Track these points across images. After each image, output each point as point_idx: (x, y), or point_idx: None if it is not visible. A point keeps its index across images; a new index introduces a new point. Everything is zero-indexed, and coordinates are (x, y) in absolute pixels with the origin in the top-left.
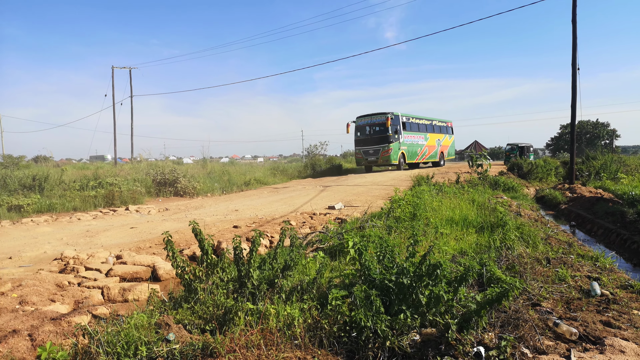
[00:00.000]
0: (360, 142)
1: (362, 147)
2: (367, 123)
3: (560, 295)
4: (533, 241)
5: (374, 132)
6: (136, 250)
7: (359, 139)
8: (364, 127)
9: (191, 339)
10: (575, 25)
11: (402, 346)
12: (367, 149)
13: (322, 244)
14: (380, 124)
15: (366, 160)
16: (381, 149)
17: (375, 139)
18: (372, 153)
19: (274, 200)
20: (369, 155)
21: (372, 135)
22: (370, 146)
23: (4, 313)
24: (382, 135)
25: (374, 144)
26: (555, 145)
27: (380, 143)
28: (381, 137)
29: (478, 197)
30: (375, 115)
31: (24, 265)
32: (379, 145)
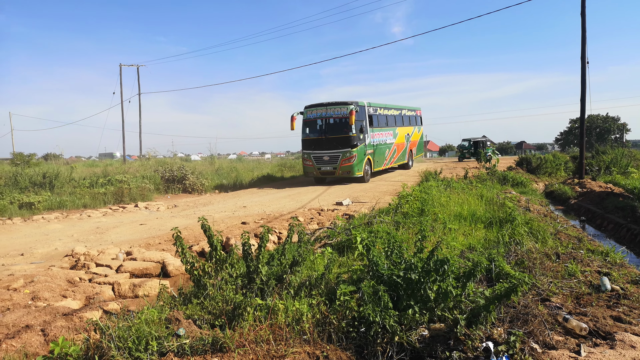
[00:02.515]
0: (310, 143)
1: (313, 151)
2: (320, 116)
3: (570, 291)
4: (542, 236)
5: (330, 130)
6: (146, 246)
7: (308, 139)
8: (316, 122)
9: (201, 334)
10: (584, 18)
11: (411, 341)
12: (320, 154)
13: (330, 239)
14: (340, 119)
15: (318, 171)
16: (341, 155)
17: (332, 141)
18: (328, 160)
19: (282, 196)
20: (322, 163)
21: (327, 135)
22: (324, 150)
23: (17, 309)
24: (343, 135)
25: (330, 147)
26: (564, 139)
27: (340, 147)
28: (341, 139)
29: (486, 192)
30: (333, 106)
31: (36, 261)
32: (337, 150)
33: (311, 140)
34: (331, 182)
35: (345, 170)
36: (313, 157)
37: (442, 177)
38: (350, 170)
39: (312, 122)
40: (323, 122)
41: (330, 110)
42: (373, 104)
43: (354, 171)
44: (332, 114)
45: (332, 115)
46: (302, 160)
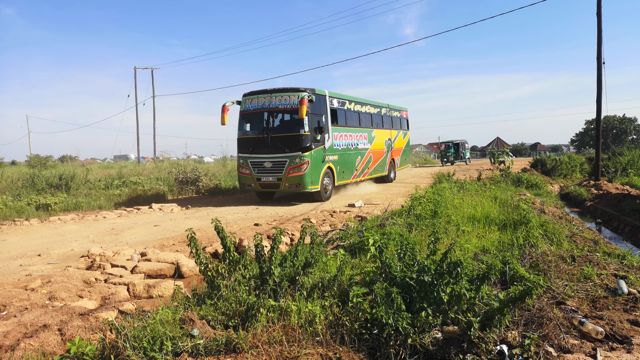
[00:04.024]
0: (248, 144)
1: (251, 155)
2: (262, 107)
3: (586, 294)
4: (557, 239)
5: (275, 126)
6: (160, 247)
7: (245, 138)
8: (257, 116)
9: (215, 334)
10: (600, 18)
11: (424, 344)
12: (259, 160)
13: (343, 241)
14: (287, 112)
15: (257, 182)
16: (288, 161)
17: (276, 141)
18: (271, 169)
19: (294, 198)
20: (263, 171)
21: (270, 134)
22: (266, 154)
23: (35, 308)
24: (291, 134)
25: (274, 150)
26: (580, 141)
27: (287, 149)
28: (289, 139)
29: (500, 194)
30: (279, 94)
31: (52, 262)
32: (283, 155)
33: (249, 140)
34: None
35: (294, 182)
36: (251, 164)
37: (454, 179)
38: (300, 183)
39: (252, 115)
40: (266, 116)
41: (276, 100)
42: (338, 95)
43: (305, 183)
44: (277, 104)
45: (278, 107)
46: (237, 167)
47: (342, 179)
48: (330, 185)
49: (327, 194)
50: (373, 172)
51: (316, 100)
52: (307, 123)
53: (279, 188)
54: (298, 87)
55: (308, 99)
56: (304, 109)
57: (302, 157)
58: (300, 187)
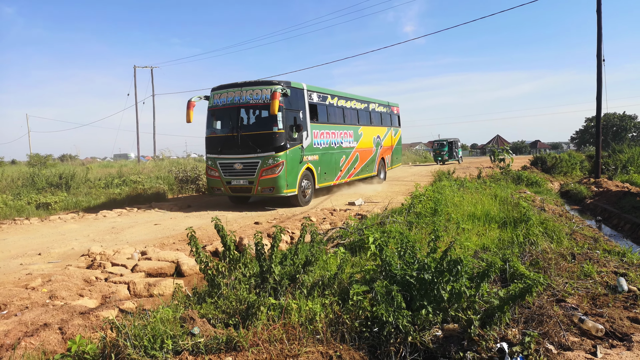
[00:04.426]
0: (217, 144)
1: (220, 155)
2: (232, 103)
3: (586, 291)
4: (557, 236)
5: (246, 124)
6: (160, 246)
7: (214, 136)
8: (226, 112)
9: (215, 333)
10: (600, 15)
11: (424, 341)
12: (229, 161)
13: (343, 239)
14: (259, 108)
15: (227, 186)
16: (260, 162)
17: (247, 140)
18: (241, 171)
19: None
20: (233, 174)
21: (241, 132)
22: (236, 155)
23: (35, 307)
24: (263, 132)
25: (244, 150)
26: (580, 138)
27: (259, 149)
28: (261, 137)
29: (500, 192)
30: (250, 87)
31: (53, 261)
32: (254, 155)
33: (218, 139)
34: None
35: (267, 185)
36: (220, 165)
37: (455, 176)
38: (274, 186)
39: (221, 111)
40: (236, 112)
41: (247, 94)
42: (319, 90)
43: (279, 187)
44: (248, 99)
45: (249, 102)
46: (205, 169)
47: (324, 181)
48: (310, 189)
49: (307, 198)
50: (360, 172)
51: (292, 94)
52: (281, 120)
53: (251, 192)
54: (271, 80)
55: (282, 93)
56: (277, 104)
57: (275, 157)
58: (274, 191)
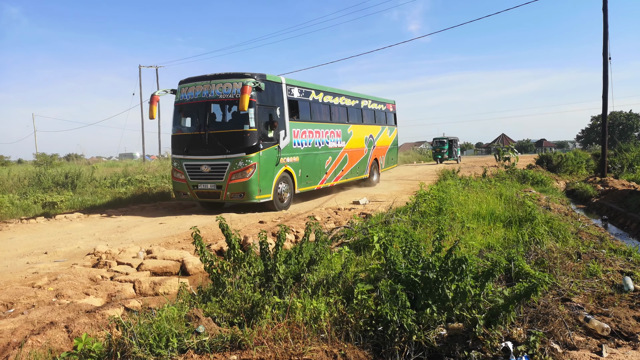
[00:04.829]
0: (183, 143)
1: (186, 156)
2: (200, 97)
3: (592, 291)
4: (563, 235)
5: (214, 121)
6: (165, 245)
7: (180, 135)
8: (193, 109)
9: (220, 331)
10: (606, 13)
11: (429, 340)
12: (195, 163)
13: (347, 238)
14: (229, 103)
15: (193, 190)
16: (229, 164)
17: (215, 140)
18: (209, 174)
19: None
20: (200, 177)
21: (208, 130)
22: (203, 156)
23: (42, 306)
24: (233, 130)
25: (212, 151)
26: (586, 137)
27: (228, 149)
28: (230, 136)
29: (505, 191)
30: (220, 81)
31: (59, 260)
32: (223, 157)
33: (184, 138)
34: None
35: (237, 190)
36: (186, 167)
37: (459, 175)
38: (245, 192)
39: (189, 107)
40: (204, 108)
41: (216, 88)
42: (300, 84)
43: (250, 192)
44: (217, 93)
45: (218, 96)
46: (171, 172)
47: (306, 185)
48: (289, 193)
49: (285, 203)
50: (350, 174)
51: (267, 88)
52: (254, 117)
53: (219, 198)
54: (243, 72)
55: (254, 87)
56: (247, 99)
57: (246, 159)
58: (244, 197)
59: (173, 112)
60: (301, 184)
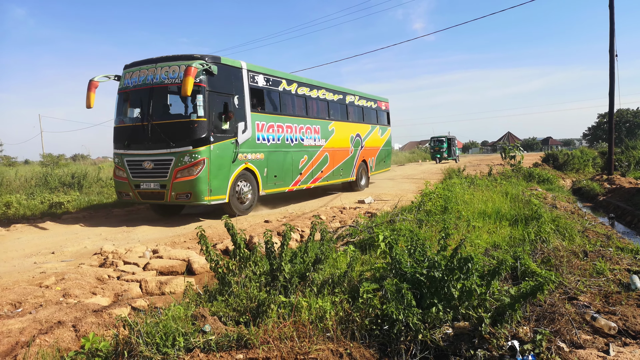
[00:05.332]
0: (124, 135)
1: (127, 151)
2: (145, 83)
3: (598, 289)
4: (569, 234)
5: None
6: (171, 244)
7: (122, 126)
8: (137, 96)
9: (226, 330)
10: (612, 10)
11: (435, 339)
12: (137, 158)
13: (353, 237)
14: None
15: (136, 190)
16: (173, 159)
17: (158, 132)
18: (152, 171)
19: (304, 194)
20: (142, 174)
21: (151, 121)
22: (145, 151)
23: (50, 305)
24: (178, 120)
25: (155, 144)
26: (592, 135)
27: (172, 143)
28: (174, 127)
29: (511, 189)
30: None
31: (66, 259)
32: (166, 151)
33: (126, 129)
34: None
35: (183, 190)
36: (127, 163)
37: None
38: (192, 192)
39: (132, 94)
40: (147, 95)
41: (161, 72)
42: (267, 72)
43: (198, 192)
44: (163, 78)
45: (163, 81)
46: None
47: (274, 186)
48: (250, 194)
49: (245, 205)
50: (332, 176)
51: (221, 73)
52: (203, 105)
53: (164, 199)
54: (192, 54)
55: (203, 70)
56: (189, 82)
57: (193, 153)
58: (192, 198)
59: (116, 101)
60: (267, 184)
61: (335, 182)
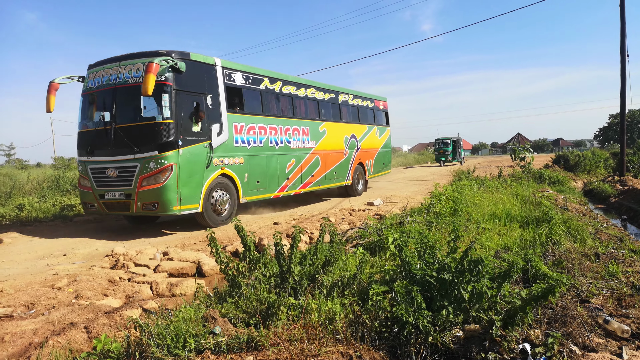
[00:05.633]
0: (88, 141)
1: (90, 157)
2: (107, 84)
3: (611, 292)
4: (581, 236)
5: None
6: (181, 246)
7: (86, 131)
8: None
9: (236, 332)
10: (623, 9)
11: (445, 342)
12: (101, 166)
13: (362, 240)
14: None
15: (100, 201)
16: (138, 165)
17: (121, 136)
18: (116, 179)
19: (313, 197)
20: (106, 183)
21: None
22: (108, 157)
23: (62, 307)
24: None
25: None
26: (604, 136)
27: (136, 148)
28: (138, 131)
29: (522, 191)
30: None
31: (78, 261)
32: (131, 157)
33: (89, 134)
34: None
35: (149, 199)
36: (91, 171)
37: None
38: (159, 201)
39: (96, 96)
40: (111, 97)
41: (125, 70)
42: (247, 70)
43: (166, 202)
44: (127, 77)
45: (127, 81)
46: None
47: (257, 193)
48: (228, 203)
49: (223, 216)
50: (324, 181)
51: (191, 70)
52: (169, 105)
53: (130, 209)
54: (157, 50)
55: (168, 66)
56: (151, 80)
57: (160, 159)
58: (159, 208)
59: (80, 104)
60: (248, 191)
61: (329, 186)
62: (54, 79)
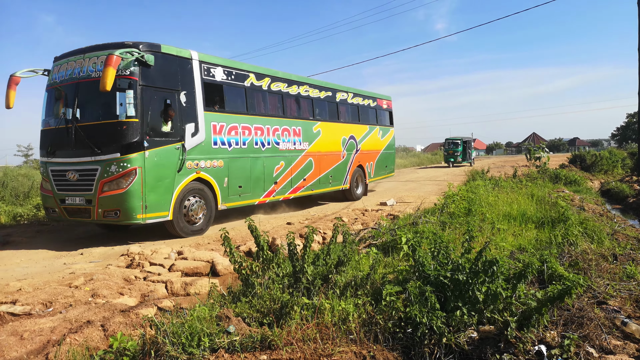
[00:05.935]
0: (49, 140)
1: (51, 158)
2: (71, 78)
3: (629, 294)
4: (598, 237)
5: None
6: (195, 246)
7: (47, 129)
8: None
9: (250, 331)
10: None
11: (459, 343)
12: (61, 168)
13: (375, 240)
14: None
15: (61, 206)
16: (99, 168)
17: (81, 136)
18: (76, 183)
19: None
20: (67, 187)
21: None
22: (69, 159)
23: (79, 305)
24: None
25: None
26: (621, 135)
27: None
28: (99, 130)
29: (537, 191)
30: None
31: (94, 260)
32: (91, 159)
33: (50, 133)
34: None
35: (111, 206)
36: (51, 174)
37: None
38: (121, 208)
39: (59, 91)
40: (73, 92)
41: (89, 64)
42: (229, 64)
43: (130, 209)
44: (90, 70)
45: (91, 75)
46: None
47: (238, 199)
48: (205, 210)
49: (197, 225)
50: (318, 185)
51: (161, 64)
52: (134, 102)
53: (91, 217)
54: (123, 42)
55: (133, 59)
56: (110, 74)
57: (122, 162)
58: (121, 216)
59: (44, 99)
60: (229, 197)
61: (324, 191)
62: (15, 72)
